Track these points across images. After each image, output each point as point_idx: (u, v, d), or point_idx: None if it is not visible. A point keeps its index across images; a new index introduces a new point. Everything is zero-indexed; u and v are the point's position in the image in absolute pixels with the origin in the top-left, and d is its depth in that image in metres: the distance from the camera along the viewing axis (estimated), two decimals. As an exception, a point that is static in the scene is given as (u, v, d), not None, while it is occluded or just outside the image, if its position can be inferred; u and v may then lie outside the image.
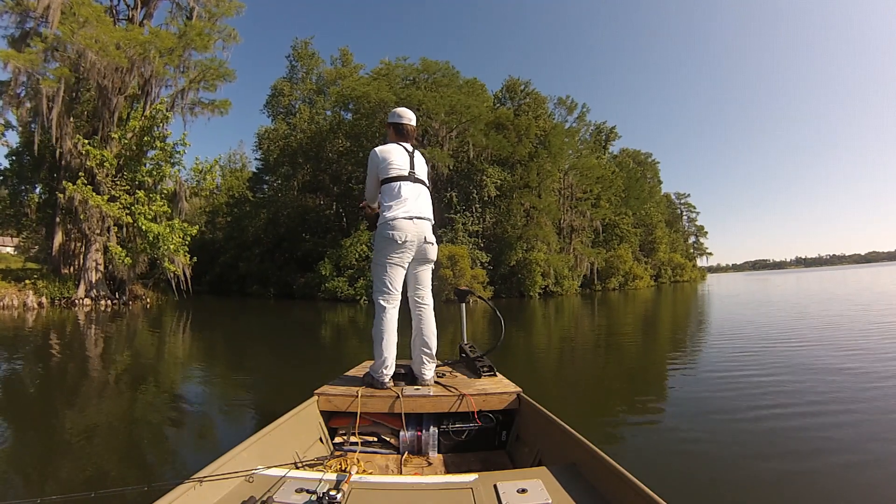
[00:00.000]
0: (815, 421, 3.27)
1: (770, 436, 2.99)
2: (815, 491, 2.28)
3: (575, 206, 32.70)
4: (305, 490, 1.32)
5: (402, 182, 2.45)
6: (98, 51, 14.40)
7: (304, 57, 35.01)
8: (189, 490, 1.26)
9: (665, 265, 45.45)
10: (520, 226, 25.55)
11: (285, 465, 1.52)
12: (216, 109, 18.10)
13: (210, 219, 40.60)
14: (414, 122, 2.69)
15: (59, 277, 16.70)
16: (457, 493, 1.36)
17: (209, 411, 3.87)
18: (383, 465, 2.06)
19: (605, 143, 44.45)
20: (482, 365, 2.66)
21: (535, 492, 1.35)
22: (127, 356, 6.79)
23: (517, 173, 26.57)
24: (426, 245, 2.48)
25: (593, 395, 4.42)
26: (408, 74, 26.64)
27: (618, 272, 33.08)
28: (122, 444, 2.99)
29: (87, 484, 2.29)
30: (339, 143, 27.76)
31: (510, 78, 33.52)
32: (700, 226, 72.92)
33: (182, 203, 17.12)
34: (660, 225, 46.27)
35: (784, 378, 4.55)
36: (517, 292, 24.05)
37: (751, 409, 3.57)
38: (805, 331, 8.02)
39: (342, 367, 3.02)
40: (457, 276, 18.96)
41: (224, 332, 10.55)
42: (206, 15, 18.25)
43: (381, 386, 2.36)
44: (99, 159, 15.51)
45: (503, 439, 2.28)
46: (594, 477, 1.45)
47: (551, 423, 1.87)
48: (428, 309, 2.57)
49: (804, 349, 6.21)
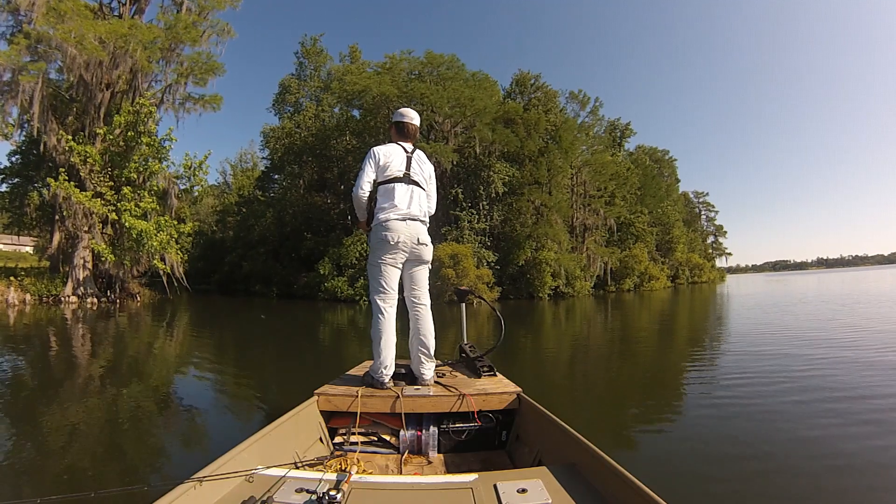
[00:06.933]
0: (837, 432, 3.00)
1: (787, 451, 2.73)
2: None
3: (588, 204, 31.58)
4: (305, 490, 1.32)
5: (397, 183, 2.50)
6: (76, 45, 14.09)
7: (312, 54, 34.63)
8: (189, 490, 1.26)
9: (682, 265, 43.82)
10: (529, 224, 24.47)
11: (285, 465, 1.52)
12: (207, 105, 17.68)
13: (220, 218, 40.85)
14: (417, 122, 2.72)
15: (55, 275, 16.55)
16: (457, 493, 1.37)
17: (208, 411, 3.76)
18: (383, 464, 2.06)
19: (619, 139, 43.17)
20: (482, 365, 2.65)
21: (534, 492, 1.36)
22: (87, 355, 6.51)
23: (526, 169, 25.55)
24: (420, 246, 2.50)
25: (601, 400, 4.26)
26: (413, 68, 25.89)
27: (633, 273, 31.85)
28: (120, 444, 2.93)
29: (86, 484, 2.25)
30: (345, 140, 27.26)
31: (520, 71, 32.55)
32: (719, 225, 70.63)
33: (171, 200, 16.63)
34: (677, 224, 44.65)
35: (810, 384, 4.19)
36: (526, 293, 23.02)
37: (769, 418, 3.31)
38: (836, 334, 7.34)
39: (342, 367, 3.01)
40: (459, 276, 18.11)
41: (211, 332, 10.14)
42: (197, 9, 17.82)
43: (380, 386, 2.36)
44: (83, 155, 15.17)
45: (503, 439, 2.28)
46: (594, 477, 1.46)
47: (551, 423, 1.87)
48: (425, 309, 2.58)
49: (836, 357, 5.54)
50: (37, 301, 15.64)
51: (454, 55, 25.76)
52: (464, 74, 25.93)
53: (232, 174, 48.83)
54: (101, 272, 16.97)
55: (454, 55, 25.76)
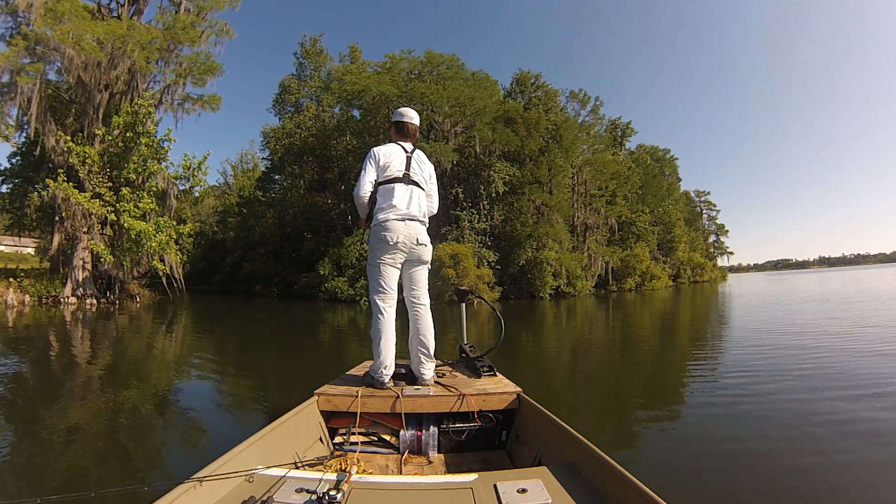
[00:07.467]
0: (839, 431, 2.99)
1: (788, 451, 2.72)
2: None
3: (589, 204, 31.51)
4: (305, 490, 1.32)
5: (396, 184, 2.50)
6: (74, 46, 14.07)
7: (312, 54, 34.57)
8: (189, 490, 1.26)
9: (684, 265, 43.66)
10: (530, 223, 24.39)
11: (285, 465, 1.52)
12: (206, 105, 17.63)
13: (221, 219, 40.85)
14: (416, 121, 2.72)
15: (55, 276, 16.52)
16: (457, 493, 1.37)
17: (208, 411, 3.74)
18: (383, 464, 2.06)
19: (620, 139, 43.11)
20: (482, 365, 2.64)
21: (535, 492, 1.36)
22: (86, 356, 6.49)
23: (527, 169, 25.51)
24: (419, 246, 2.50)
25: (602, 400, 4.23)
26: (412, 68, 25.84)
27: (634, 272, 31.74)
28: (120, 444, 2.91)
29: (86, 484, 2.25)
30: (345, 140, 27.22)
31: (520, 71, 32.53)
32: (721, 224, 70.57)
33: (170, 201, 16.59)
34: (679, 223, 44.51)
35: (812, 383, 4.20)
36: (527, 293, 22.95)
37: (770, 418, 3.30)
38: (837, 334, 7.28)
39: (342, 367, 3.00)
40: (460, 276, 18.08)
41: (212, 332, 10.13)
42: (195, 9, 17.79)
43: (380, 386, 2.36)
44: (81, 156, 15.14)
45: (503, 439, 2.28)
46: (594, 477, 1.45)
47: (551, 423, 1.87)
48: (424, 309, 2.58)
49: (837, 355, 5.53)
50: (36, 302, 15.63)
51: (454, 55, 25.71)
52: (464, 74, 25.86)
53: (233, 175, 48.84)
54: (100, 273, 16.95)
55: (454, 55, 25.71)
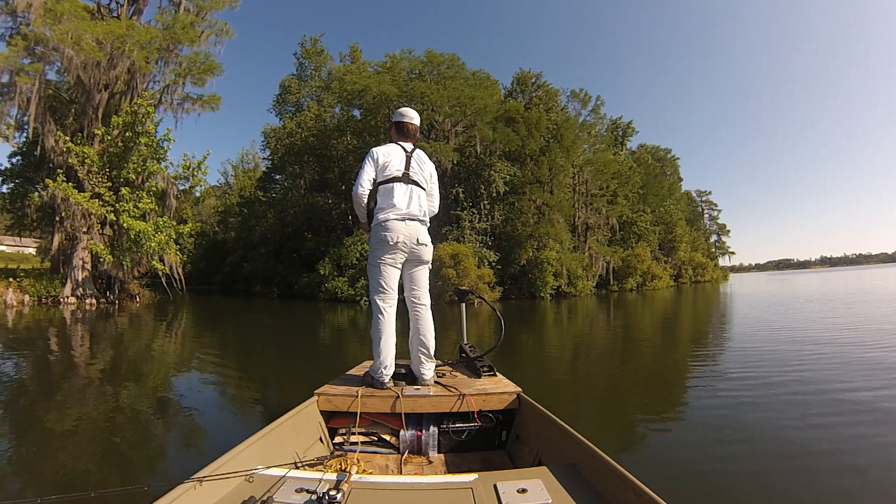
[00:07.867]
0: (840, 431, 2.96)
1: (789, 451, 2.70)
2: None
3: (590, 203, 31.49)
4: (305, 490, 1.31)
5: (396, 183, 2.49)
6: (73, 45, 14.07)
7: (312, 54, 34.56)
8: (189, 490, 1.26)
9: (685, 265, 43.60)
10: (530, 223, 24.36)
11: (285, 465, 1.52)
12: (206, 105, 17.64)
13: (222, 219, 40.88)
14: (417, 121, 2.71)
15: (55, 276, 16.52)
16: (457, 493, 1.37)
17: (208, 411, 3.73)
18: (383, 464, 2.06)
19: (621, 138, 43.10)
20: (482, 365, 2.64)
21: (535, 492, 1.36)
22: (86, 356, 6.49)
23: (528, 168, 25.48)
24: (419, 246, 2.49)
25: (602, 400, 4.20)
26: (413, 68, 25.82)
27: (635, 272, 31.70)
28: (120, 444, 2.90)
29: (86, 484, 2.24)
30: (346, 140, 27.22)
31: (521, 70, 32.50)
32: (722, 224, 70.55)
33: (170, 201, 16.57)
34: (680, 223, 44.46)
35: (813, 383, 4.17)
36: (528, 293, 22.94)
37: (771, 417, 3.28)
38: (838, 334, 7.22)
39: (342, 367, 2.99)
40: (460, 276, 18.06)
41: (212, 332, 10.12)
42: (195, 9, 17.78)
43: (380, 386, 2.36)
44: (81, 156, 15.13)
45: (503, 439, 2.28)
46: (594, 477, 1.45)
47: (551, 423, 1.86)
48: (425, 309, 2.57)
49: (839, 355, 5.48)
50: (35, 302, 15.63)
51: (454, 54, 25.69)
52: (464, 73, 25.84)
53: (233, 175, 48.85)
54: (100, 273, 16.94)
55: (454, 54, 25.69)
